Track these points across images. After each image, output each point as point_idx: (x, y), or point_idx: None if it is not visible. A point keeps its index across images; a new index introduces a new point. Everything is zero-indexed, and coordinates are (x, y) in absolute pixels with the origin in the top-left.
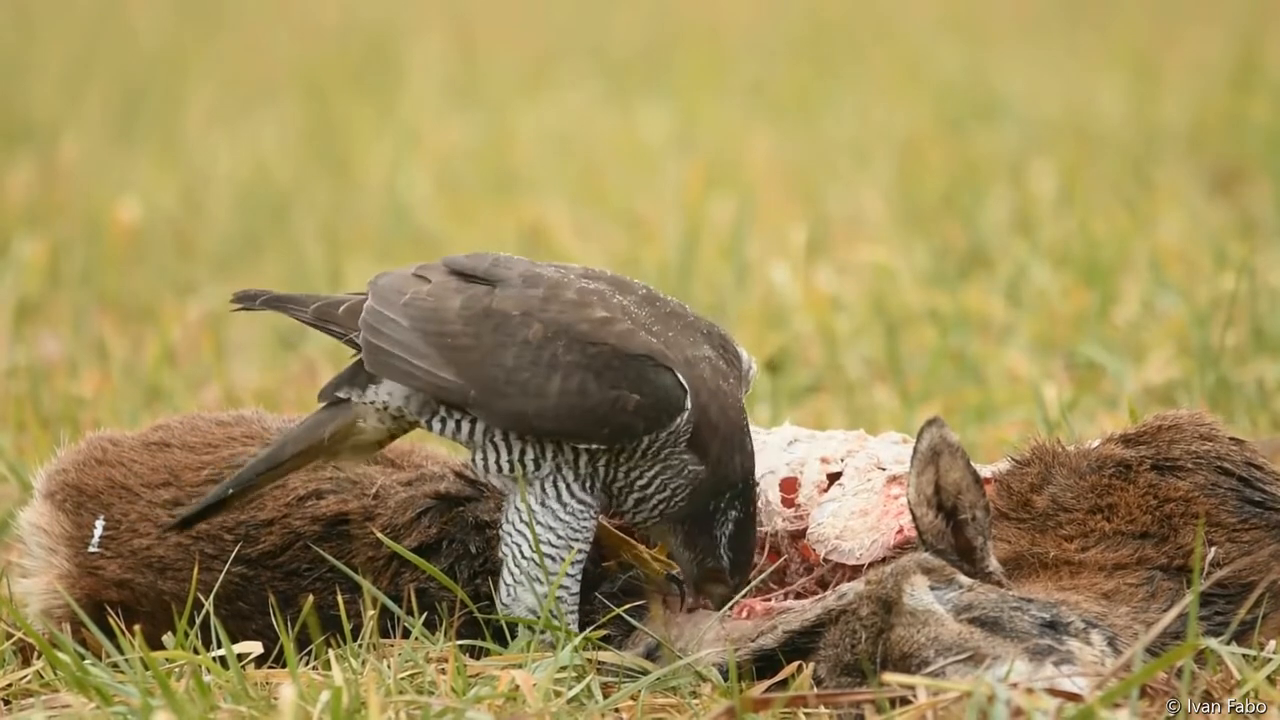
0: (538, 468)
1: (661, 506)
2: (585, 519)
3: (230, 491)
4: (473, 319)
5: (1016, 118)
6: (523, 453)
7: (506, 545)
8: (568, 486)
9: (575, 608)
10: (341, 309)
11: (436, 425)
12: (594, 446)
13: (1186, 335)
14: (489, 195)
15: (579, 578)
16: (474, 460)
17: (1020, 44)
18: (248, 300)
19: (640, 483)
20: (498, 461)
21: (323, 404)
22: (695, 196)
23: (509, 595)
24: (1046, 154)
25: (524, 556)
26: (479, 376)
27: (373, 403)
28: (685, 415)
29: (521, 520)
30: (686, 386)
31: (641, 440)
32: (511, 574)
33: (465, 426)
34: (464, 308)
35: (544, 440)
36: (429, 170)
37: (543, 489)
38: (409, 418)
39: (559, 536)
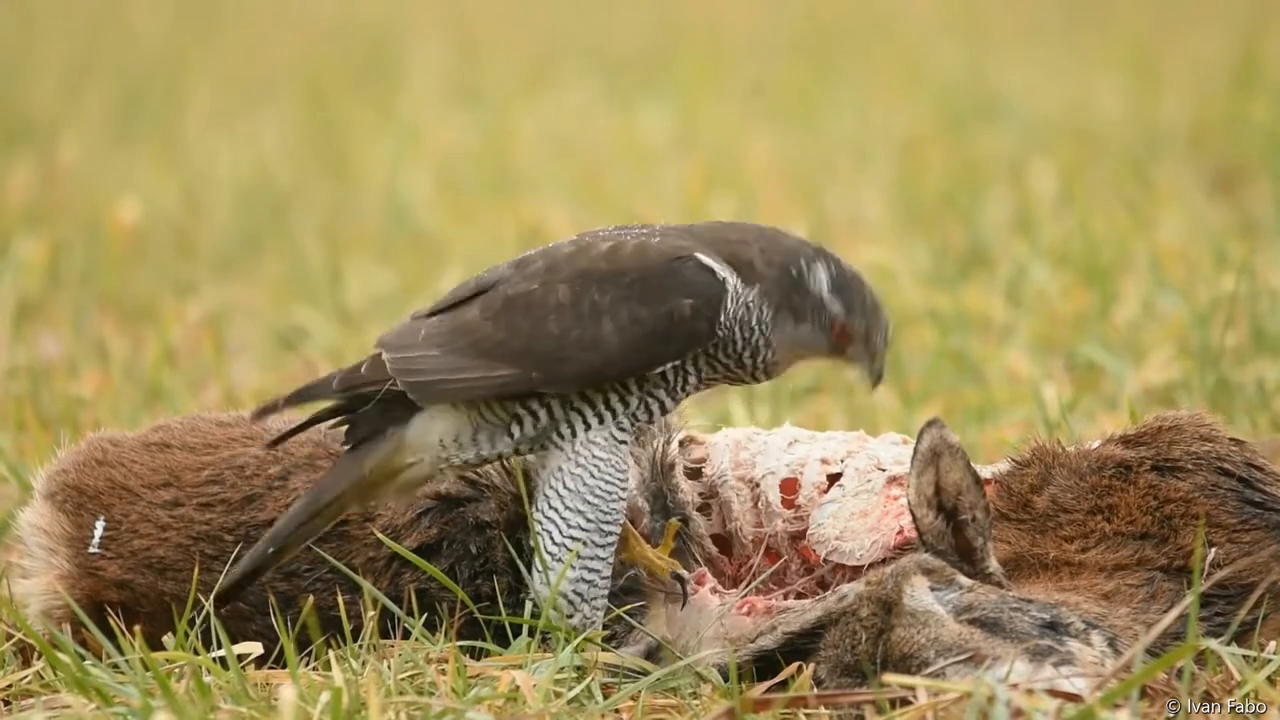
0: (626, 405)
1: (764, 347)
2: (616, 500)
3: (270, 551)
4: (500, 314)
5: (1016, 118)
6: (606, 400)
7: (542, 528)
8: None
9: (606, 593)
10: (363, 369)
11: (516, 433)
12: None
13: (1186, 335)
14: (489, 195)
15: (610, 561)
16: (564, 433)
17: (1020, 44)
18: (268, 412)
19: (747, 351)
20: (585, 420)
21: (349, 445)
22: (695, 196)
23: (543, 582)
24: (1046, 154)
25: (555, 543)
26: (533, 356)
27: (450, 460)
28: (731, 285)
29: (550, 507)
30: (711, 263)
31: (715, 335)
32: (543, 560)
33: (543, 414)
34: (485, 309)
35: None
36: (429, 170)
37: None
38: (489, 457)
39: (589, 520)
